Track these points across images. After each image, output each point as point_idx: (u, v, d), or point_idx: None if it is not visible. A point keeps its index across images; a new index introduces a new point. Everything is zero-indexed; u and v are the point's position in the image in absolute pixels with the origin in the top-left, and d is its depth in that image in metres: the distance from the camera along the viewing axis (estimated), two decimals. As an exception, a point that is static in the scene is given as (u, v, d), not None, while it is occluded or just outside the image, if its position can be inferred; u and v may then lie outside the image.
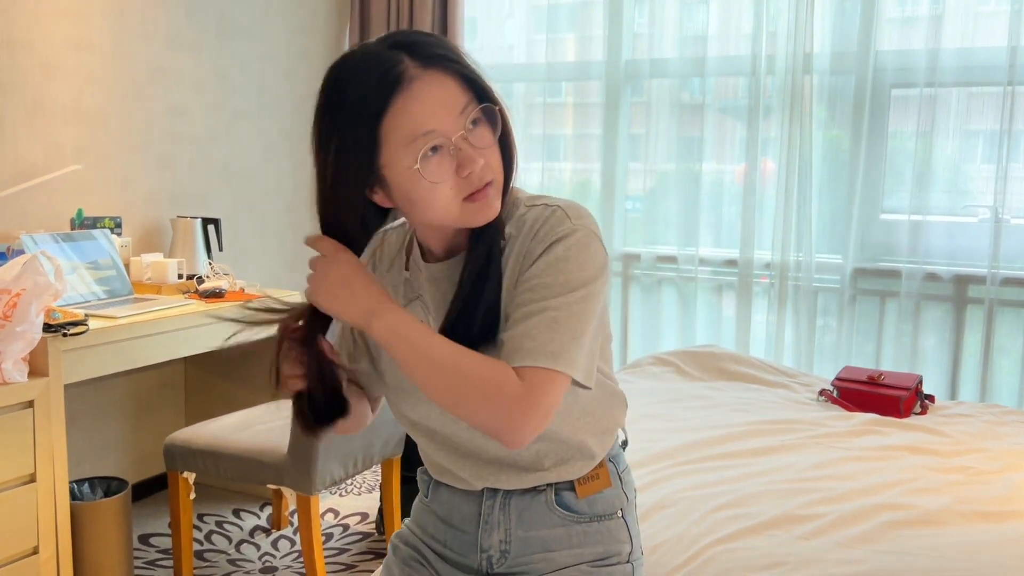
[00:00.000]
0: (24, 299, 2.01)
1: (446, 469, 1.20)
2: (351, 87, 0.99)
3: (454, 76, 1.00)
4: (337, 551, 2.78)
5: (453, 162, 1.00)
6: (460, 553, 1.22)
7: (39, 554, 2.12)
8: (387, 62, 0.98)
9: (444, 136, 0.98)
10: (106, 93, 2.92)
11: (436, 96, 0.98)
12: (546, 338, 0.99)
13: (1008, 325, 3.17)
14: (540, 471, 1.16)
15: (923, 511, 1.77)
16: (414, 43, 1.00)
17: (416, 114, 0.97)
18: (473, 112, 1.00)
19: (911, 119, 3.24)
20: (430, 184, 0.99)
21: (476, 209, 1.02)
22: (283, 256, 3.73)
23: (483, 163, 1.00)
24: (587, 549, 1.18)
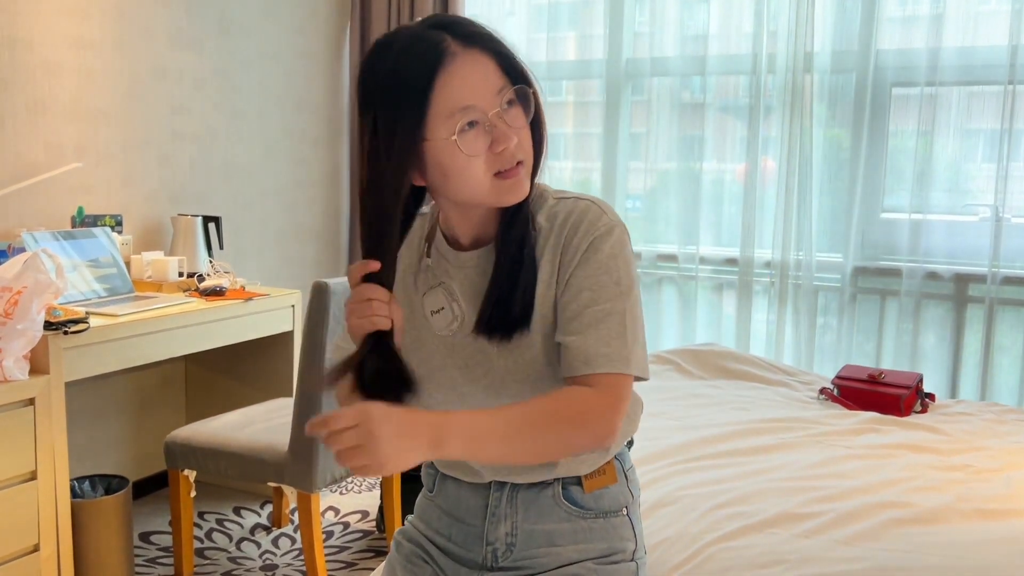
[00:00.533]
0: (25, 297, 2.01)
1: (456, 461, 1.20)
2: (398, 66, 1.02)
3: (492, 56, 1.04)
4: (337, 549, 2.78)
5: (488, 138, 1.03)
6: (464, 547, 1.22)
7: (40, 552, 2.12)
8: (430, 40, 1.02)
9: (481, 112, 1.02)
10: (107, 91, 2.92)
11: (475, 73, 1.02)
12: (619, 343, 1.04)
13: (1008, 324, 3.17)
14: (551, 465, 1.17)
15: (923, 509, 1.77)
16: (454, 23, 1.05)
17: (456, 89, 1.01)
18: (508, 93, 1.04)
19: (912, 118, 3.24)
20: (465, 157, 1.03)
21: (507, 187, 1.05)
22: (283, 254, 3.74)
23: (516, 141, 1.04)
24: (592, 545, 1.19)
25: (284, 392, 3.06)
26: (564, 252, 1.08)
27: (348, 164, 4.05)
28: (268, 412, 2.67)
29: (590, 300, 1.05)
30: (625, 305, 1.06)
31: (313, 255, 3.91)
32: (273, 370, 3.10)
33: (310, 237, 3.88)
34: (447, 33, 1.02)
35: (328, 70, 3.90)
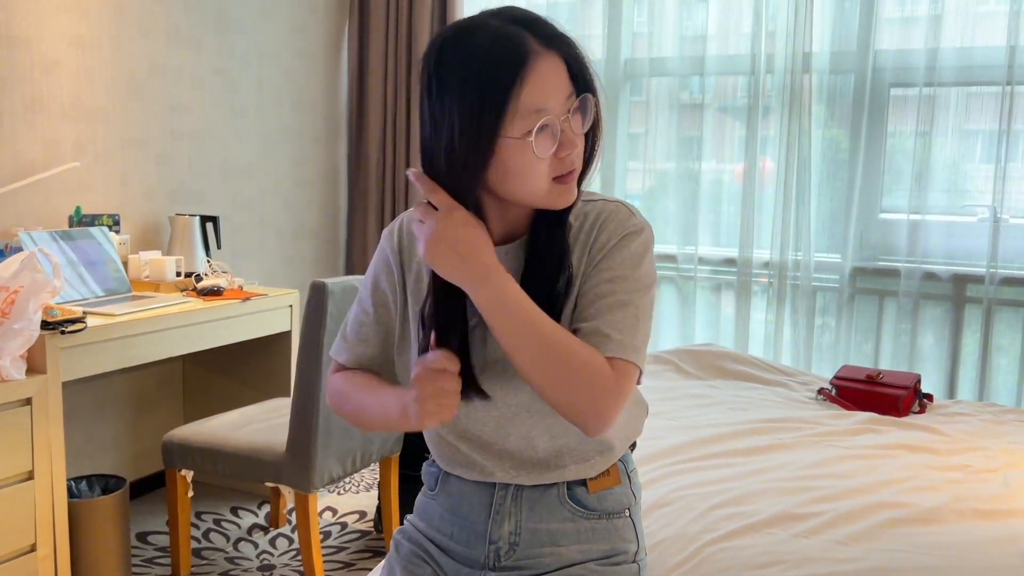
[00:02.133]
0: (22, 296, 2.00)
1: (465, 459, 1.20)
2: (481, 60, 1.01)
3: (565, 60, 1.05)
4: (335, 549, 2.77)
5: (555, 142, 1.04)
6: (466, 545, 1.22)
7: (37, 551, 2.12)
8: (514, 37, 1.01)
9: (553, 116, 1.03)
10: (104, 90, 2.91)
11: (552, 77, 1.03)
12: (631, 332, 1.06)
13: (1006, 324, 3.18)
14: (560, 468, 1.17)
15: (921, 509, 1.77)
16: (535, 21, 1.04)
17: (535, 90, 1.01)
18: (575, 100, 1.05)
19: (910, 118, 3.25)
20: (534, 158, 1.03)
21: (561, 192, 1.07)
22: (281, 254, 3.73)
23: (579, 149, 1.07)
24: (595, 546, 1.20)
25: (282, 392, 3.05)
26: (591, 248, 1.11)
27: (347, 163, 4.04)
28: (266, 412, 2.67)
29: (609, 290, 1.07)
30: (642, 300, 1.08)
31: (311, 255, 3.90)
32: (271, 370, 3.10)
33: (308, 237, 3.87)
34: (528, 32, 1.03)
35: (327, 69, 3.90)
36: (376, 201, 3.95)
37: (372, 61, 3.87)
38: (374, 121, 3.90)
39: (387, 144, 3.90)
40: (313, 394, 2.28)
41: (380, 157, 3.93)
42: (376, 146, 3.92)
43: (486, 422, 1.15)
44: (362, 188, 3.96)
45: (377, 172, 3.93)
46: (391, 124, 3.88)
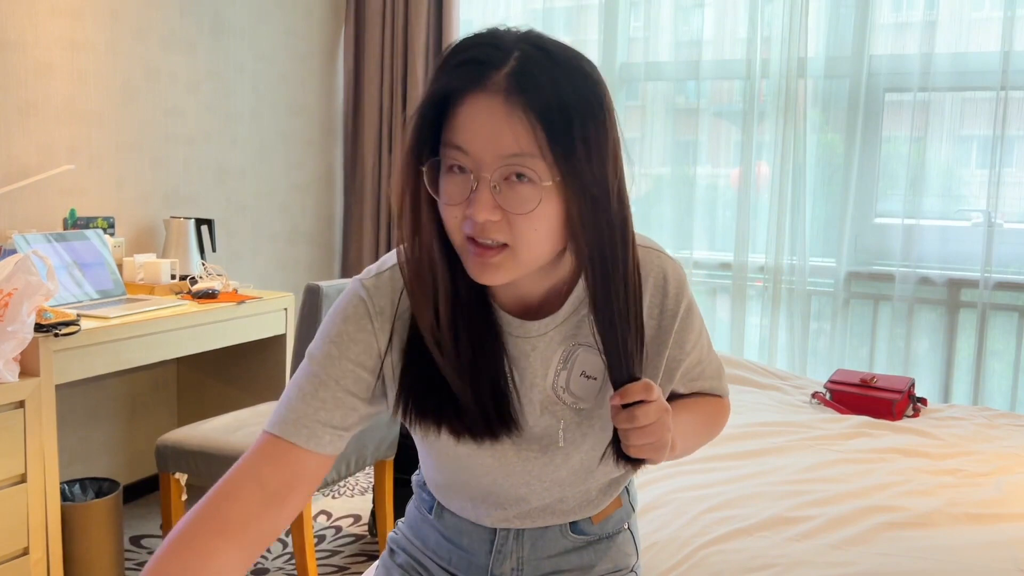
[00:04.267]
0: (15, 299, 2.00)
1: (466, 507, 1.15)
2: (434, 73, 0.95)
3: (537, 118, 0.87)
4: (329, 553, 2.77)
5: (463, 193, 0.92)
6: (466, 573, 1.19)
7: (29, 555, 2.11)
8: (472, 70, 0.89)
9: (473, 165, 0.91)
10: (99, 93, 2.91)
11: (488, 123, 0.88)
12: (721, 372, 1.22)
13: (1000, 329, 3.18)
14: (564, 512, 1.14)
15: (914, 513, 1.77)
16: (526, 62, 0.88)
17: (459, 125, 0.90)
18: (516, 167, 0.88)
19: (905, 123, 3.25)
20: (443, 198, 0.93)
21: (473, 263, 0.93)
22: (276, 257, 3.73)
23: (495, 221, 0.90)
24: (597, 566, 1.19)
25: (276, 395, 3.05)
26: (662, 312, 1.05)
27: (342, 167, 4.04)
28: (260, 415, 2.67)
29: (705, 354, 1.16)
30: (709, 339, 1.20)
31: (306, 258, 3.90)
32: (265, 373, 3.10)
33: (303, 240, 3.87)
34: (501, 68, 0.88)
35: (322, 73, 3.90)
36: (371, 205, 3.95)
37: (368, 65, 3.88)
38: (370, 125, 3.91)
39: (383, 148, 3.90)
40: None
41: (376, 161, 3.93)
42: (372, 150, 3.92)
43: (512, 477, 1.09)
44: (357, 192, 3.96)
45: (372, 176, 3.93)
46: (387, 128, 3.89)
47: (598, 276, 0.93)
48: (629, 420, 0.92)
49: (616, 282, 0.93)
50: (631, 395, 0.92)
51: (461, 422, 0.99)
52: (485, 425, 0.99)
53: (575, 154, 0.86)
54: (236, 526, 0.91)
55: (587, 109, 0.88)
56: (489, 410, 0.98)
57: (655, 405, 0.93)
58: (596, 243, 0.91)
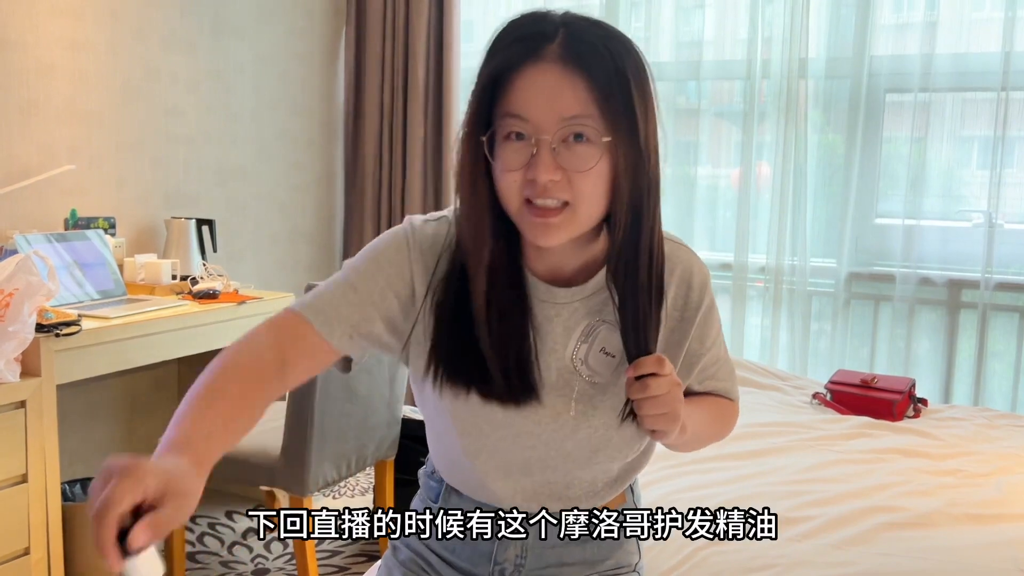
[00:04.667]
0: (17, 299, 2.00)
1: (471, 482, 1.16)
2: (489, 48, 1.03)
3: (589, 84, 0.96)
4: (330, 553, 2.77)
5: (524, 159, 1.00)
6: (470, 563, 1.19)
7: (30, 555, 2.11)
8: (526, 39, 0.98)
9: (533, 130, 0.99)
10: (100, 93, 2.91)
11: (545, 89, 0.97)
12: (734, 376, 1.24)
13: (1001, 329, 3.18)
14: (570, 499, 1.15)
15: (915, 514, 1.78)
16: (571, 30, 0.98)
17: (516, 95, 0.98)
18: (572, 128, 0.97)
19: (905, 124, 3.25)
20: (500, 165, 1.00)
21: (532, 224, 1.00)
22: (277, 257, 3.73)
23: (557, 180, 0.98)
24: (599, 562, 1.19)
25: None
26: (686, 304, 1.11)
27: (343, 167, 4.05)
28: (261, 415, 2.66)
29: (721, 353, 1.19)
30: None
31: (307, 258, 3.90)
32: (266, 373, 3.09)
33: (304, 240, 3.87)
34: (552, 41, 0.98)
35: (323, 73, 3.90)
36: (372, 205, 3.95)
37: (369, 65, 3.88)
38: (370, 125, 3.91)
39: (383, 148, 3.90)
40: (308, 398, 2.28)
41: (376, 161, 3.93)
42: (373, 150, 3.92)
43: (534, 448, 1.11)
44: (358, 192, 3.97)
45: (373, 176, 3.94)
46: (388, 128, 3.89)
47: (629, 236, 1.00)
48: (642, 390, 0.98)
49: (643, 247, 1.01)
50: (644, 367, 0.98)
51: (489, 386, 1.04)
52: (508, 390, 1.04)
53: (628, 113, 0.95)
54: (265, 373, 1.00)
55: (635, 72, 0.97)
56: (513, 376, 1.04)
57: (667, 378, 0.98)
58: (635, 201, 0.98)
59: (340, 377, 2.34)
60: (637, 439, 1.12)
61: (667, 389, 0.98)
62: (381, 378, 2.52)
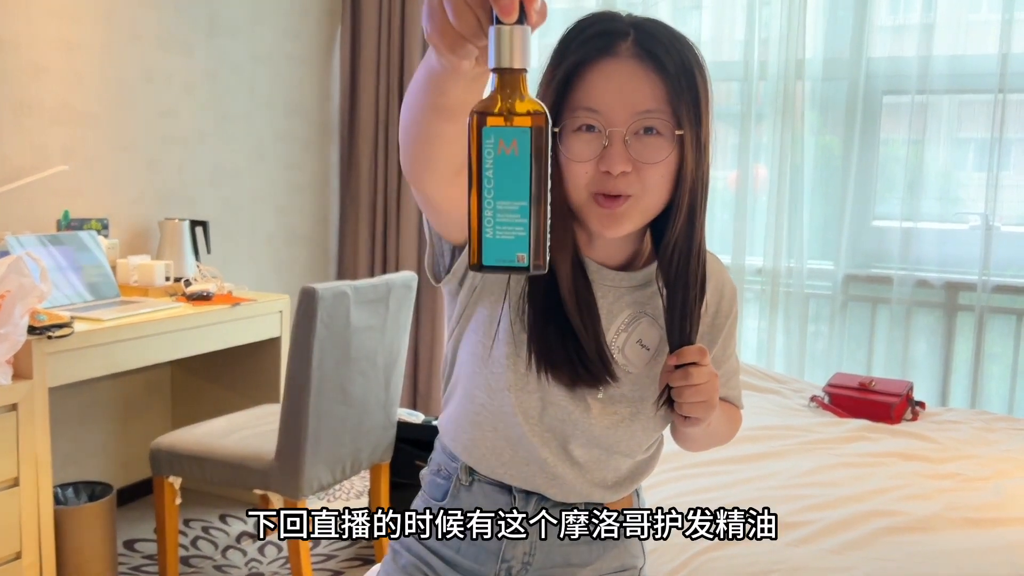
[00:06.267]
0: (8, 301, 1.98)
1: (493, 453, 1.15)
2: (560, 44, 1.06)
3: (663, 79, 1.01)
4: (324, 557, 2.75)
5: (596, 150, 1.03)
6: (475, 561, 1.18)
7: (22, 559, 2.09)
8: (602, 35, 1.02)
9: (605, 123, 1.01)
10: (94, 94, 2.89)
11: (620, 83, 1.01)
12: (740, 386, 1.28)
13: (999, 332, 3.17)
14: (581, 489, 1.15)
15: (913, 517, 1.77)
16: (645, 29, 1.02)
17: (590, 90, 1.03)
18: (645, 121, 1.01)
19: (902, 126, 3.25)
20: (570, 157, 1.03)
21: (600, 214, 1.04)
22: (272, 259, 3.71)
23: (628, 171, 1.02)
24: (606, 564, 1.19)
25: (271, 399, 3.03)
26: (717, 311, 1.17)
27: (338, 169, 4.03)
28: (254, 419, 2.65)
29: (737, 364, 1.25)
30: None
31: (302, 260, 3.89)
32: (260, 376, 3.08)
33: (299, 242, 3.86)
34: (626, 38, 1.03)
35: (319, 74, 3.88)
36: (368, 207, 3.93)
37: (364, 66, 3.86)
38: (366, 126, 3.89)
39: (379, 149, 3.89)
40: (303, 400, 2.27)
41: (372, 162, 3.92)
42: (368, 151, 3.91)
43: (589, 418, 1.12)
44: (353, 193, 3.95)
45: (369, 177, 3.92)
46: (383, 129, 3.87)
47: (685, 228, 1.04)
48: (684, 378, 1.02)
49: (696, 239, 1.06)
50: (687, 356, 1.03)
51: (584, 369, 1.07)
52: (590, 373, 1.07)
53: (695, 108, 1.00)
54: None
55: (699, 71, 1.01)
56: (594, 358, 1.07)
57: (708, 368, 1.03)
58: (693, 194, 1.03)
59: (335, 380, 2.32)
60: (654, 433, 1.15)
61: (707, 378, 1.03)
62: (376, 381, 2.50)
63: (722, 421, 1.21)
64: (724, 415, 1.22)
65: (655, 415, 1.12)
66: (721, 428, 1.22)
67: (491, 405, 1.12)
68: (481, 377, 1.12)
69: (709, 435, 1.20)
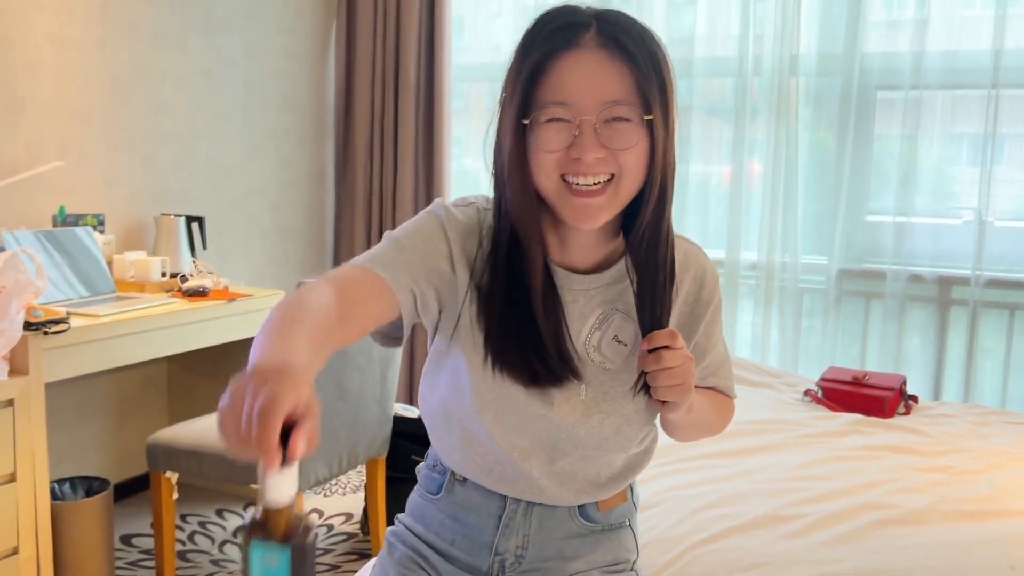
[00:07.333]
0: (4, 297, 1.99)
1: (480, 472, 1.16)
2: (523, 40, 1.07)
3: (629, 68, 1.01)
4: (321, 552, 2.76)
5: (566, 140, 1.04)
6: (469, 554, 1.20)
7: (19, 554, 2.10)
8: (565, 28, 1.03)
9: (575, 114, 1.02)
10: (89, 89, 2.89)
11: (586, 73, 1.01)
12: (732, 374, 1.27)
13: (991, 326, 3.19)
14: (574, 490, 1.16)
15: (906, 511, 1.78)
16: (607, 18, 1.03)
17: (556, 82, 1.04)
18: (612, 110, 1.01)
19: (896, 121, 3.26)
20: (538, 146, 1.04)
21: (573, 204, 1.04)
22: (267, 254, 3.72)
23: (600, 157, 1.03)
24: (599, 556, 1.20)
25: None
26: (697, 301, 1.15)
27: (334, 164, 4.03)
28: (251, 413, 2.65)
29: (724, 353, 1.23)
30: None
31: (297, 256, 3.89)
32: (257, 371, 3.08)
33: (294, 237, 3.86)
34: (588, 28, 1.03)
35: (314, 70, 3.88)
36: (363, 202, 3.93)
37: (359, 62, 3.86)
38: (361, 122, 3.89)
39: (374, 145, 3.89)
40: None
41: (367, 158, 3.92)
42: (363, 147, 3.91)
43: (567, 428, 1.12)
44: (349, 189, 3.95)
45: (364, 173, 3.92)
46: (378, 125, 3.87)
47: (655, 213, 1.05)
48: (656, 361, 1.02)
49: (664, 225, 1.06)
50: (657, 340, 1.02)
51: (534, 370, 1.07)
52: (552, 373, 1.07)
53: (662, 93, 1.01)
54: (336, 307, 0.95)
55: (662, 58, 1.02)
56: (554, 359, 1.07)
57: (680, 351, 1.02)
58: (664, 178, 1.04)
59: (331, 374, 2.33)
60: (644, 427, 1.15)
61: (680, 362, 1.02)
62: (372, 375, 2.51)
63: (709, 409, 1.21)
64: (712, 404, 1.22)
65: (640, 408, 1.12)
66: (709, 417, 1.21)
67: (473, 429, 1.14)
68: (457, 407, 1.14)
69: (696, 423, 1.19)
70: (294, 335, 0.85)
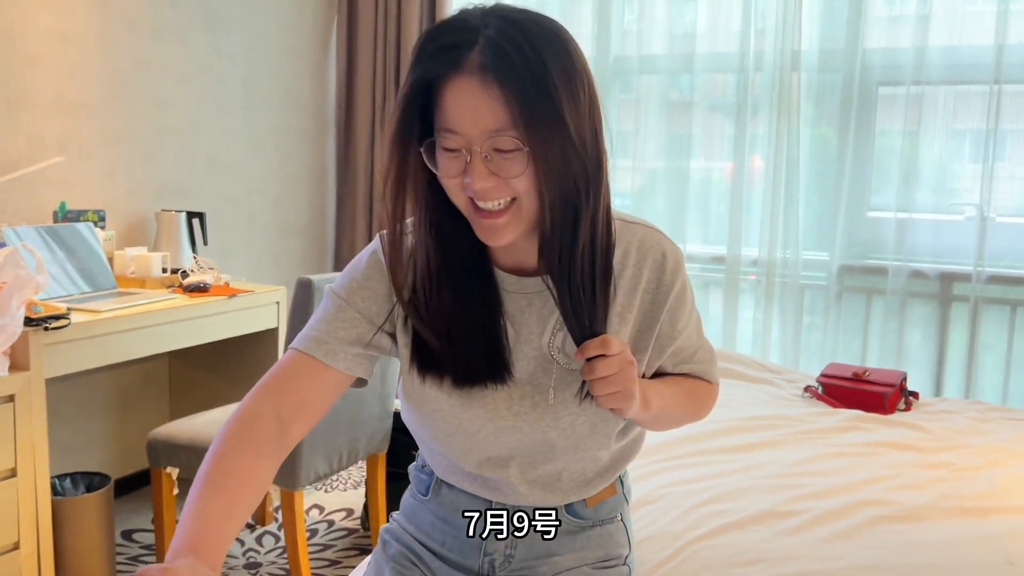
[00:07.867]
0: (5, 292, 1.99)
1: (470, 478, 1.17)
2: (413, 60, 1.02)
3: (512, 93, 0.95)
4: (322, 547, 2.77)
5: (460, 167, 1.02)
6: (460, 554, 1.20)
7: (20, 550, 2.10)
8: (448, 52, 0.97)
9: (466, 142, 1.00)
10: (90, 85, 2.89)
11: (469, 102, 0.97)
12: (712, 357, 1.24)
13: (993, 322, 3.19)
14: (561, 491, 1.16)
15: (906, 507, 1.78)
16: (495, 39, 0.95)
17: (446, 111, 0.99)
18: (498, 139, 0.97)
19: (898, 117, 3.25)
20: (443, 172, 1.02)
21: (481, 227, 1.02)
22: (268, 250, 3.72)
23: (490, 186, 1.00)
24: (589, 552, 1.20)
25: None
26: (658, 288, 1.11)
27: (335, 160, 4.03)
28: (252, 409, 2.65)
29: (696, 339, 1.20)
30: (702, 327, 1.23)
31: (299, 252, 3.89)
32: (257, 367, 3.08)
33: (296, 233, 3.86)
34: (472, 49, 0.96)
35: (315, 65, 3.88)
36: (364, 198, 3.93)
37: (361, 58, 3.86)
38: (362, 118, 3.89)
39: (375, 141, 3.89)
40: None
41: (368, 154, 3.92)
42: (364, 143, 3.91)
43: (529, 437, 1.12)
44: (350, 185, 3.95)
45: (365, 169, 3.92)
46: (379, 121, 3.87)
47: (562, 227, 0.99)
48: (590, 372, 1.00)
49: (581, 234, 1.00)
50: (588, 351, 0.99)
51: (463, 369, 1.08)
52: (477, 370, 1.07)
53: (551, 117, 0.93)
54: (262, 447, 1.03)
55: (561, 70, 0.94)
56: (480, 356, 1.07)
57: (616, 358, 0.99)
58: (565, 195, 0.97)
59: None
60: (620, 422, 1.13)
61: (616, 369, 0.99)
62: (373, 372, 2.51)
63: (677, 400, 1.17)
64: (682, 393, 1.18)
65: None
66: (676, 408, 1.17)
67: (450, 446, 1.15)
68: (427, 435, 1.16)
69: (660, 418, 1.15)
70: (204, 508, 0.95)
